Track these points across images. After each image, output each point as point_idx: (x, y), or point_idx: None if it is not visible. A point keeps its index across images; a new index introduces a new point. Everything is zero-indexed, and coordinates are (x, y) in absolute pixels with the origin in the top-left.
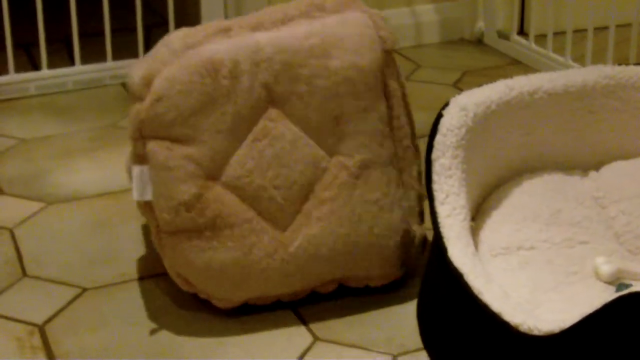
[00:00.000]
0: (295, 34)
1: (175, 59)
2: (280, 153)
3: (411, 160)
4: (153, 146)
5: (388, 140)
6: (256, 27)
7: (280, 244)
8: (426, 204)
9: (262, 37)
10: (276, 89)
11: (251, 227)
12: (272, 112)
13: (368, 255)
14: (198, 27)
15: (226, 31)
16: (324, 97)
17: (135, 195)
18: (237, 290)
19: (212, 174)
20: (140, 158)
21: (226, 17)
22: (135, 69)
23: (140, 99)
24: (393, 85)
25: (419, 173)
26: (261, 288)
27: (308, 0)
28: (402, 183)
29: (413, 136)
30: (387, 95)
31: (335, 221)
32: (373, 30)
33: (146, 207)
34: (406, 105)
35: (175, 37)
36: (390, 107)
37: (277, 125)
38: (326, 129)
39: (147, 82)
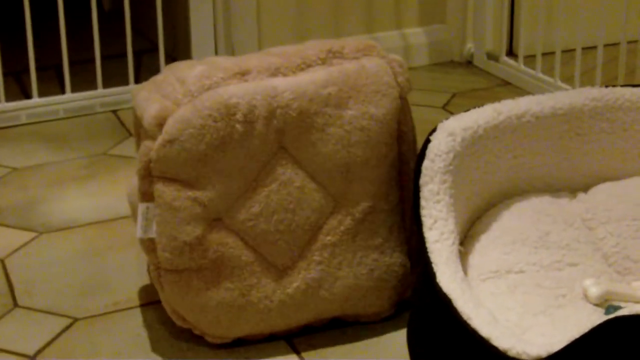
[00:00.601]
0: (314, 81)
1: (189, 100)
2: (287, 198)
3: None
4: (160, 186)
5: (395, 187)
6: (274, 73)
7: (279, 286)
8: None
9: (280, 83)
10: (289, 134)
11: (252, 270)
12: (282, 158)
13: (365, 298)
14: (215, 66)
15: (244, 74)
16: (336, 145)
17: (138, 233)
18: (233, 328)
19: (218, 216)
20: (146, 196)
21: (216, 43)
22: (143, 98)
23: (152, 137)
24: (406, 130)
25: None
26: (257, 326)
27: (327, 46)
28: (404, 227)
29: None
30: (399, 141)
31: (336, 265)
32: (391, 78)
33: (149, 244)
34: (415, 150)
35: (191, 76)
36: (401, 154)
37: (286, 171)
38: (335, 176)
39: (160, 122)
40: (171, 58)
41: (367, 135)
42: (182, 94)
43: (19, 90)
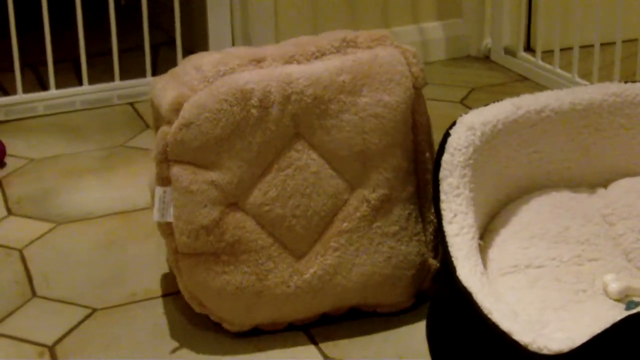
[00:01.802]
0: (328, 68)
1: (205, 85)
2: (303, 183)
3: (431, 194)
4: (177, 170)
5: (412, 176)
6: (289, 60)
7: (295, 271)
8: None
9: (295, 70)
10: (304, 121)
11: (268, 254)
12: (298, 143)
13: (382, 286)
14: (231, 54)
15: (259, 61)
16: (351, 132)
17: (156, 216)
18: (250, 314)
19: (234, 200)
20: (163, 180)
21: (233, 36)
22: (160, 88)
23: (169, 122)
24: (420, 120)
25: None
26: (274, 313)
27: (341, 35)
28: (422, 217)
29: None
30: (414, 131)
31: (353, 252)
32: (405, 67)
33: (166, 228)
34: (430, 141)
35: (208, 63)
36: (416, 143)
37: (302, 156)
38: (350, 163)
39: (176, 108)
40: (188, 51)
41: (381, 123)
42: (198, 80)
43: (37, 81)
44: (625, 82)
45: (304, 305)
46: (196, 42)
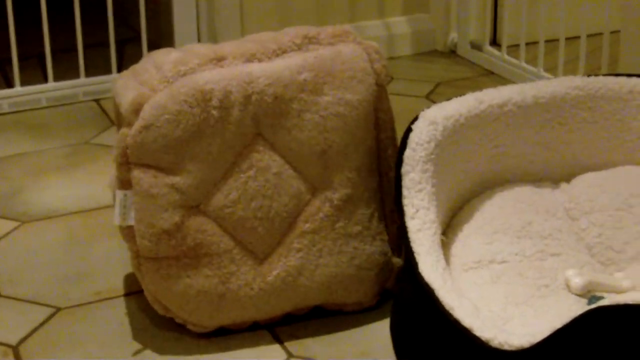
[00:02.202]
0: (289, 66)
1: (165, 86)
2: (265, 185)
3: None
4: (138, 173)
5: (374, 173)
6: (250, 58)
7: (258, 273)
8: None
9: (255, 69)
10: (265, 121)
11: (231, 257)
12: (259, 144)
13: (346, 286)
14: (191, 52)
15: (219, 60)
16: (312, 131)
17: (117, 220)
18: (214, 316)
19: (196, 203)
20: (124, 183)
21: (199, 31)
22: (121, 86)
23: (129, 124)
24: (384, 117)
25: None
26: (238, 315)
27: (302, 32)
28: (384, 215)
29: None
30: (377, 128)
31: (316, 253)
32: (367, 64)
33: (127, 232)
34: (394, 137)
35: (168, 62)
36: (379, 140)
37: (263, 157)
38: (312, 163)
39: (136, 109)
40: (154, 47)
41: (343, 122)
42: (158, 80)
43: (1, 79)
44: (589, 75)
45: (268, 306)
46: (162, 38)
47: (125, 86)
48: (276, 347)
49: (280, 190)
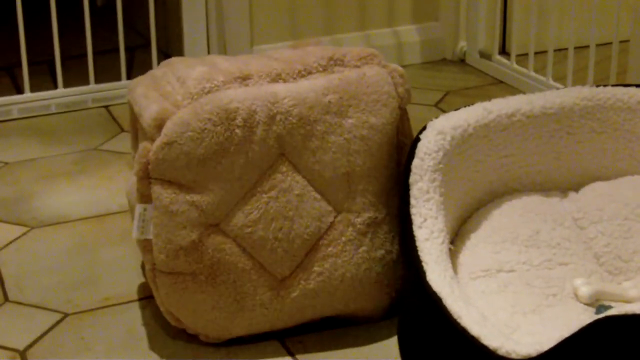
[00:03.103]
0: (314, 88)
1: (189, 102)
2: (286, 206)
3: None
4: (158, 188)
5: (396, 197)
6: (275, 78)
7: (275, 295)
8: None
9: (281, 89)
10: (289, 141)
11: (248, 277)
12: (282, 164)
13: (362, 303)
14: (216, 68)
15: (244, 79)
16: (337, 153)
17: (135, 234)
18: (227, 330)
19: (215, 222)
20: (144, 197)
21: (208, 38)
22: (141, 94)
23: (151, 139)
24: (405, 141)
25: None
26: (251, 328)
27: (328, 53)
28: None
29: None
30: (399, 151)
31: (338, 277)
32: (392, 87)
33: (145, 244)
34: None
35: (192, 77)
36: (400, 164)
37: (285, 178)
38: (335, 185)
39: (159, 124)
40: (163, 54)
41: (367, 145)
42: (182, 95)
43: (11, 84)
44: (597, 86)
45: (281, 322)
46: (171, 45)
47: (145, 95)
48: (286, 359)
49: (302, 211)
